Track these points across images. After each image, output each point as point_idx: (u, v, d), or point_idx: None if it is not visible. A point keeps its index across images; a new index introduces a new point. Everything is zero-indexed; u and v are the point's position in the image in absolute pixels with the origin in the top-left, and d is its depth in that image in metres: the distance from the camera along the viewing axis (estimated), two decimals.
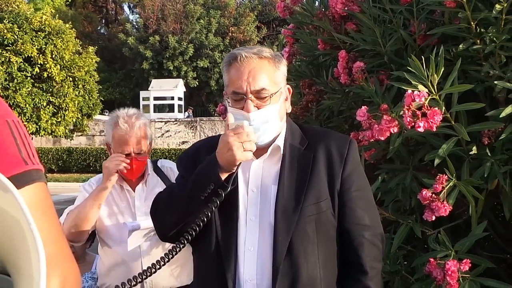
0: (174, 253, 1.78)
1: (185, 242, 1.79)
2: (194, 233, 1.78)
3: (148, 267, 1.75)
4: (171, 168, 3.05)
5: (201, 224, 1.79)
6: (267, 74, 1.87)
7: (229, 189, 1.81)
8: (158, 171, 3.03)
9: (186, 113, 32.28)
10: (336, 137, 1.99)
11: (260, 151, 1.92)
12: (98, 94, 17.59)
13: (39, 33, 15.57)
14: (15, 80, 14.80)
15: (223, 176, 1.81)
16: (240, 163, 1.81)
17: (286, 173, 1.90)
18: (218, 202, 1.80)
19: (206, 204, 1.80)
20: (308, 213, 1.84)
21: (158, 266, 1.76)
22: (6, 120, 0.99)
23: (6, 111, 1.01)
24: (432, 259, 2.15)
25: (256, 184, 1.92)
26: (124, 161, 2.77)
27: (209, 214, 1.80)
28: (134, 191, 2.95)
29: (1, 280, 0.80)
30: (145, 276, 1.73)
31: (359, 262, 1.86)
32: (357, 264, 1.87)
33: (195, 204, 1.83)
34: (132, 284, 1.67)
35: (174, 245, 1.79)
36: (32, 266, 0.68)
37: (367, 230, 1.89)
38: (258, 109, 1.85)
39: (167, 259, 1.77)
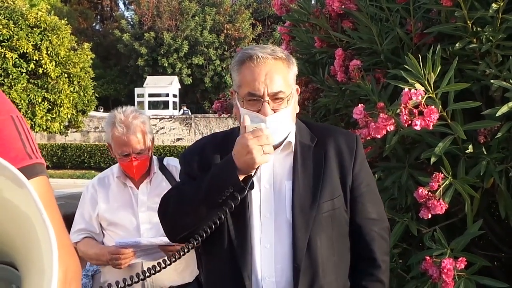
0: (182, 254, 1.74)
1: (195, 244, 1.74)
2: (205, 234, 1.74)
3: (148, 268, 1.70)
4: (176, 167, 2.97)
5: (213, 226, 1.75)
6: (282, 76, 1.83)
7: (246, 192, 1.78)
8: (163, 169, 3.00)
9: (182, 110, 32.10)
10: (343, 133, 2.00)
11: None
12: (93, 91, 17.53)
13: (34, 29, 15.49)
14: (10, 76, 14.72)
15: (240, 178, 1.78)
16: (259, 166, 1.78)
17: (300, 169, 1.88)
18: (233, 205, 1.76)
19: (221, 207, 1.76)
20: (324, 210, 1.84)
21: (159, 268, 1.72)
22: (11, 116, 1.01)
23: (10, 107, 1.03)
24: (428, 257, 2.16)
25: (269, 181, 1.90)
26: (121, 258, 2.76)
27: (222, 217, 1.76)
28: (138, 189, 2.93)
29: (10, 272, 0.81)
30: (148, 274, 1.69)
31: (372, 257, 1.89)
32: (370, 259, 1.90)
33: (210, 207, 1.79)
34: (133, 282, 1.63)
35: (182, 246, 1.75)
36: (43, 259, 0.69)
37: (376, 225, 1.93)
38: (274, 111, 1.81)
39: (173, 259, 1.72)
